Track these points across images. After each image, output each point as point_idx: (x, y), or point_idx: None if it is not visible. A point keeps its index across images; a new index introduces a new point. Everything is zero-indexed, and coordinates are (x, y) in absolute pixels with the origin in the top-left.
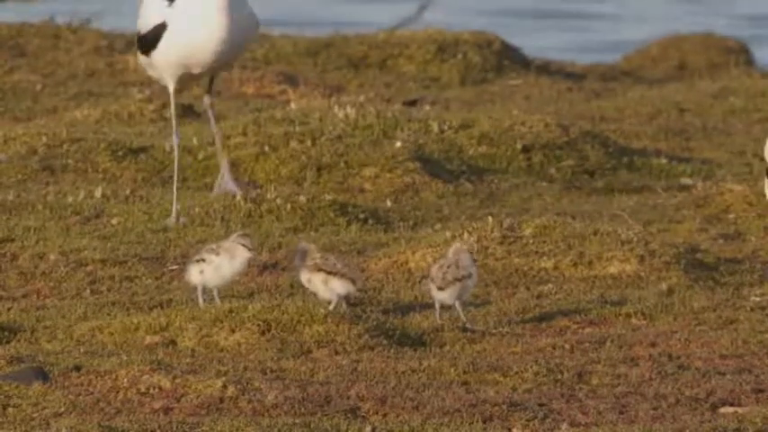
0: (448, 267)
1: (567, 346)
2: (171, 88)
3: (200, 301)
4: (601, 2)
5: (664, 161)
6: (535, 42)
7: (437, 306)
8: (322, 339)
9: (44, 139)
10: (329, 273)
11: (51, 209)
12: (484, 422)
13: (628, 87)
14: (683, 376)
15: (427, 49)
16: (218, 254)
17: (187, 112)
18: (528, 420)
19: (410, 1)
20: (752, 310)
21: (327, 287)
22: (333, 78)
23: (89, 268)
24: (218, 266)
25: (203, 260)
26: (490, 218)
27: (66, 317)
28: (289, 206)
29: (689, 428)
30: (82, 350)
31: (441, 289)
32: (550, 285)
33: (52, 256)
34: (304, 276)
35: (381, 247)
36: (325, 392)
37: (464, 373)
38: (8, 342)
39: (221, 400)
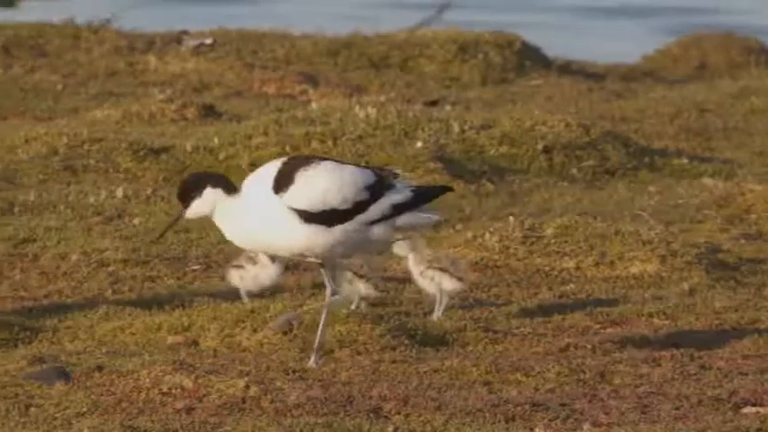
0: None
1: (589, 346)
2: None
3: (245, 299)
4: None
5: (685, 161)
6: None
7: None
8: (344, 339)
9: (65, 139)
10: (442, 270)
11: (73, 209)
12: (506, 422)
13: (648, 87)
14: (706, 376)
15: (448, 49)
16: (255, 263)
17: (209, 112)
18: (550, 420)
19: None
20: None
21: (434, 284)
22: (354, 78)
23: (111, 268)
24: (255, 276)
25: (242, 267)
26: (512, 218)
27: (88, 317)
28: None
29: (711, 428)
30: (104, 350)
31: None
32: (572, 285)
33: (74, 257)
34: (415, 269)
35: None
36: (348, 392)
37: (486, 373)
38: (30, 342)
39: (243, 400)
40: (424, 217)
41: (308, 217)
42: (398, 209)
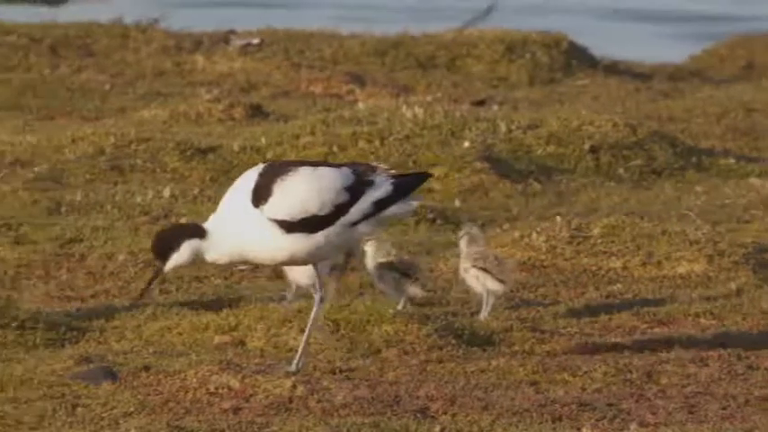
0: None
1: (636, 346)
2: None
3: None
4: None
5: (731, 161)
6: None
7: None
8: (391, 339)
9: (112, 138)
10: (484, 270)
11: (119, 209)
12: (553, 422)
13: (695, 87)
14: (753, 376)
15: (495, 49)
16: None
17: (256, 112)
18: (597, 420)
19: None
20: None
21: (479, 282)
22: (401, 78)
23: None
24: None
25: None
26: (559, 218)
27: (135, 317)
28: None
29: (758, 428)
30: (151, 350)
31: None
32: (619, 285)
33: (121, 257)
34: (463, 264)
35: (450, 246)
36: (395, 392)
37: (533, 372)
38: (77, 342)
39: (290, 400)
40: (405, 207)
41: (289, 226)
42: (380, 205)
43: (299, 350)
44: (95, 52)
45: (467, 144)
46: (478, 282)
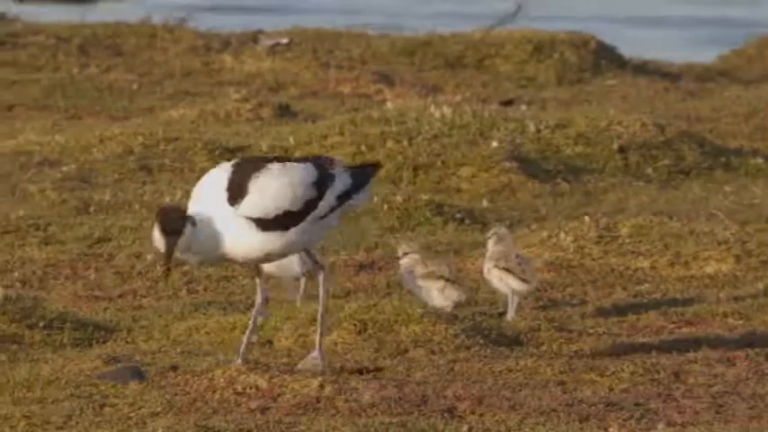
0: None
1: (663, 346)
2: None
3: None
4: None
5: (760, 161)
6: None
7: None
8: (419, 339)
9: (140, 138)
10: (508, 271)
11: (148, 208)
12: (580, 422)
13: (724, 87)
14: None
15: (524, 49)
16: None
17: (284, 111)
18: (624, 420)
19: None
20: None
21: (503, 283)
22: (429, 78)
23: (186, 268)
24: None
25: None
26: (587, 217)
27: (163, 316)
28: (385, 206)
29: None
30: (178, 350)
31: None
32: (647, 285)
33: (149, 256)
34: (486, 265)
35: (478, 246)
36: (422, 392)
37: (560, 372)
38: (105, 342)
39: (318, 400)
40: (364, 197)
41: (264, 224)
42: (343, 198)
43: (317, 339)
44: (124, 52)
45: (495, 144)
46: (502, 282)
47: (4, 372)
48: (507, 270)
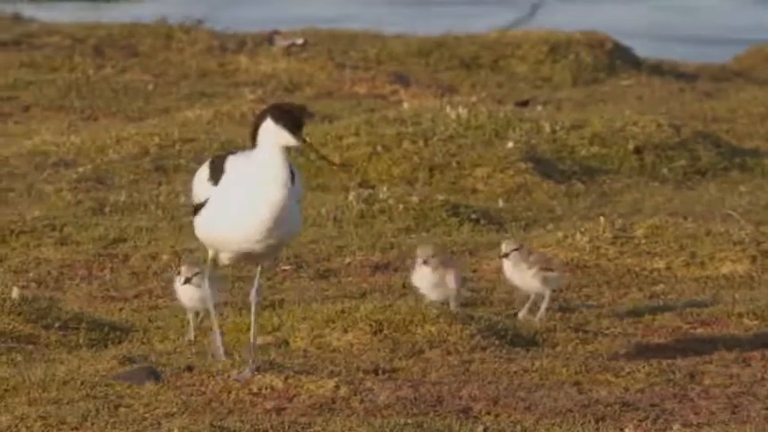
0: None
1: (679, 347)
2: (210, 254)
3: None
4: None
5: None
6: None
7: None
8: (434, 340)
9: (156, 139)
10: (545, 269)
11: (164, 209)
12: (596, 422)
13: (739, 88)
14: None
15: (539, 50)
16: None
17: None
18: (640, 421)
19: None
20: None
21: (546, 284)
22: (445, 78)
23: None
24: None
25: None
26: (602, 218)
27: (179, 317)
28: (401, 206)
29: None
30: (194, 350)
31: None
32: (663, 286)
33: (164, 257)
34: (527, 272)
35: (493, 247)
36: (438, 392)
37: (576, 373)
38: (120, 342)
39: (333, 401)
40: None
41: None
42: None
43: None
44: (139, 52)
45: (510, 144)
46: (546, 283)
47: (19, 372)
48: (547, 269)
